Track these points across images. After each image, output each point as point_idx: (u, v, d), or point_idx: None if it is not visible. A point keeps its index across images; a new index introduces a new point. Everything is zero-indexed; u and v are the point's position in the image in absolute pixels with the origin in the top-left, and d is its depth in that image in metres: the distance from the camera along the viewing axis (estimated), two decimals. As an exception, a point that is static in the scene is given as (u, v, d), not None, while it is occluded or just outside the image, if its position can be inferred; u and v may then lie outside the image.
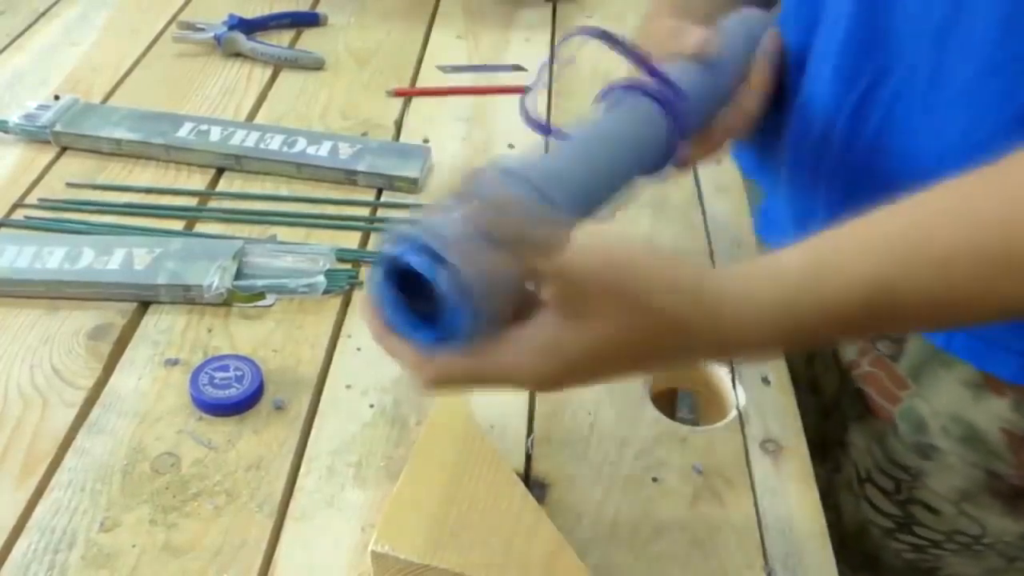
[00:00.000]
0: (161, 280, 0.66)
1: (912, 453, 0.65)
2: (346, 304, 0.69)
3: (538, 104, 0.93)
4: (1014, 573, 0.67)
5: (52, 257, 0.68)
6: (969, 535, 0.65)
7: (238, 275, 0.68)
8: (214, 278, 0.66)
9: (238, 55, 0.98)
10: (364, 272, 0.71)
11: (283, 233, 0.74)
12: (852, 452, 0.69)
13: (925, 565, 0.69)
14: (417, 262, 0.39)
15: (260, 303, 0.67)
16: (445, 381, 0.43)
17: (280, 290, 0.68)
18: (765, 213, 0.72)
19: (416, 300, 0.41)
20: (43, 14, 1.04)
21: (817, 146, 0.59)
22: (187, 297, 0.67)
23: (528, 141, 0.87)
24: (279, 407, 0.60)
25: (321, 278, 0.68)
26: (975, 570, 0.67)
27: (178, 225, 0.75)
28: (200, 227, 0.75)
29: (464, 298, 0.38)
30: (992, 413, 0.59)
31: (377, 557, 0.49)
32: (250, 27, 1.00)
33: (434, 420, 0.56)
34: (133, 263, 0.67)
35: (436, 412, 0.57)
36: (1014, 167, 0.41)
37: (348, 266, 0.71)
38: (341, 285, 0.69)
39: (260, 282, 0.67)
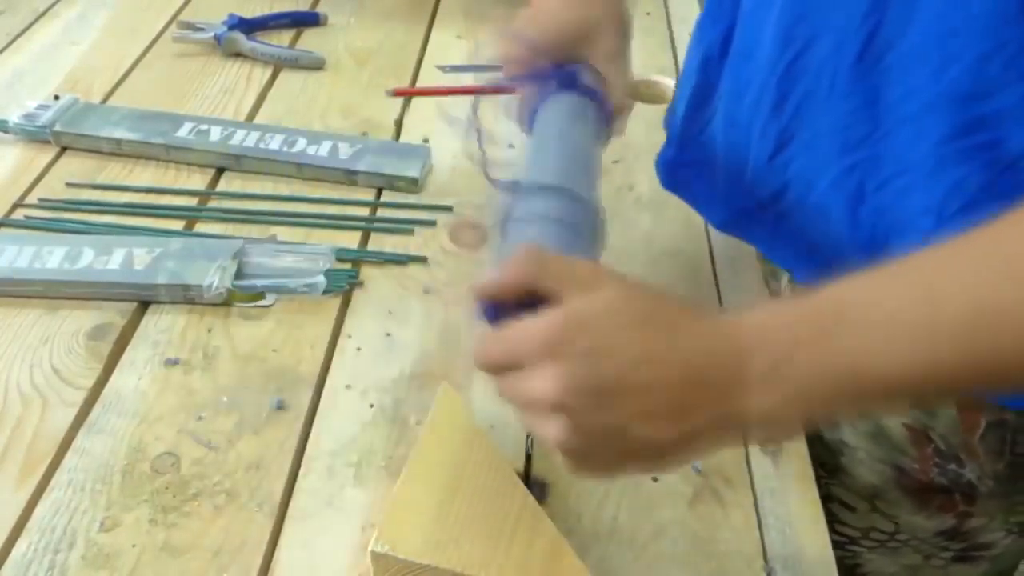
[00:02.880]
0: (161, 280, 0.66)
1: (828, 451, 0.66)
2: (346, 304, 0.69)
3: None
4: (931, 570, 0.67)
5: (52, 257, 0.68)
6: (884, 532, 0.66)
7: (238, 275, 0.68)
8: (214, 278, 0.66)
9: (238, 55, 0.98)
10: (364, 272, 0.71)
11: (283, 233, 0.74)
12: None
13: (847, 562, 0.69)
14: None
15: (260, 303, 0.67)
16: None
17: (280, 290, 0.68)
18: (679, 153, 0.69)
19: None
20: (43, 14, 1.04)
21: (752, 106, 0.59)
22: (187, 297, 0.67)
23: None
24: (279, 407, 0.60)
25: (321, 278, 0.68)
26: (893, 567, 0.68)
27: (178, 225, 0.75)
28: (200, 227, 0.75)
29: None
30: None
31: (377, 557, 0.49)
32: (250, 27, 1.00)
33: (434, 420, 0.56)
34: (133, 263, 0.67)
35: (436, 412, 0.57)
36: None
37: (348, 266, 0.71)
38: (341, 285, 0.69)
39: (260, 282, 0.67)
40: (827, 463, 0.66)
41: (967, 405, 0.58)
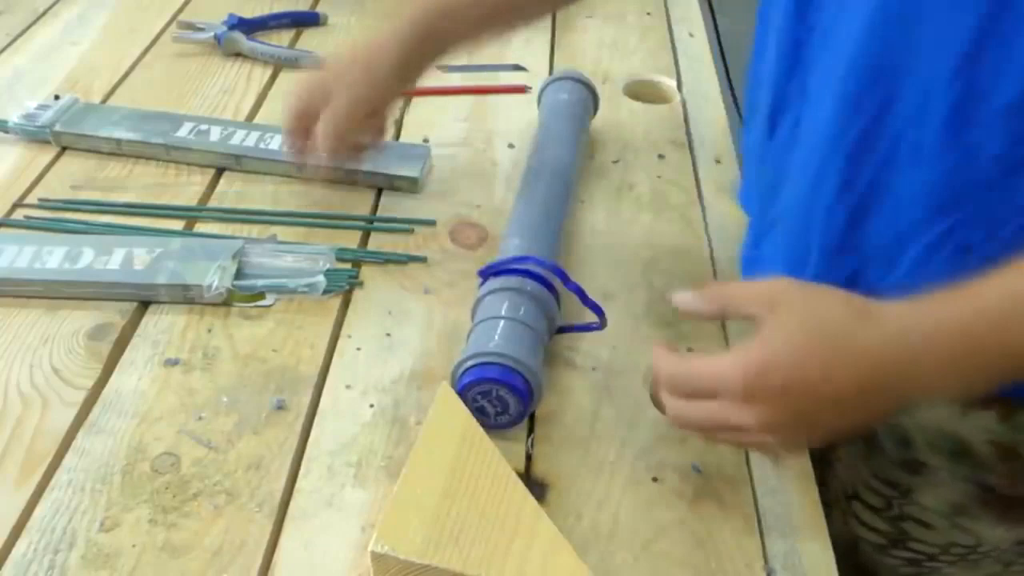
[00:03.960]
0: (161, 280, 0.66)
1: (900, 470, 0.64)
2: (346, 304, 0.69)
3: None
4: None
5: (52, 257, 0.68)
6: (964, 546, 0.65)
7: (238, 275, 0.68)
8: (214, 278, 0.66)
9: (238, 55, 0.98)
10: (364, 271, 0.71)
11: (283, 233, 0.74)
12: (838, 469, 0.69)
13: None
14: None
15: (260, 303, 0.67)
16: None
17: (280, 290, 0.68)
18: (753, 249, 0.69)
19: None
20: (43, 14, 1.04)
21: (814, 183, 0.57)
22: (187, 297, 0.67)
23: (527, 141, 0.87)
24: (280, 407, 0.60)
25: (321, 278, 0.68)
26: None
27: (178, 225, 0.75)
28: (200, 227, 0.75)
29: (530, 387, 0.58)
30: (979, 426, 0.59)
31: (377, 558, 0.49)
32: (250, 27, 1.00)
33: (432, 420, 0.56)
34: (133, 263, 0.67)
35: (434, 412, 0.57)
36: None
37: (348, 266, 0.71)
38: (341, 285, 0.69)
39: (260, 282, 0.67)
40: (900, 483, 0.65)
41: None
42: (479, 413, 0.58)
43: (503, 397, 0.58)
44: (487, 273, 0.65)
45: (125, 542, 0.52)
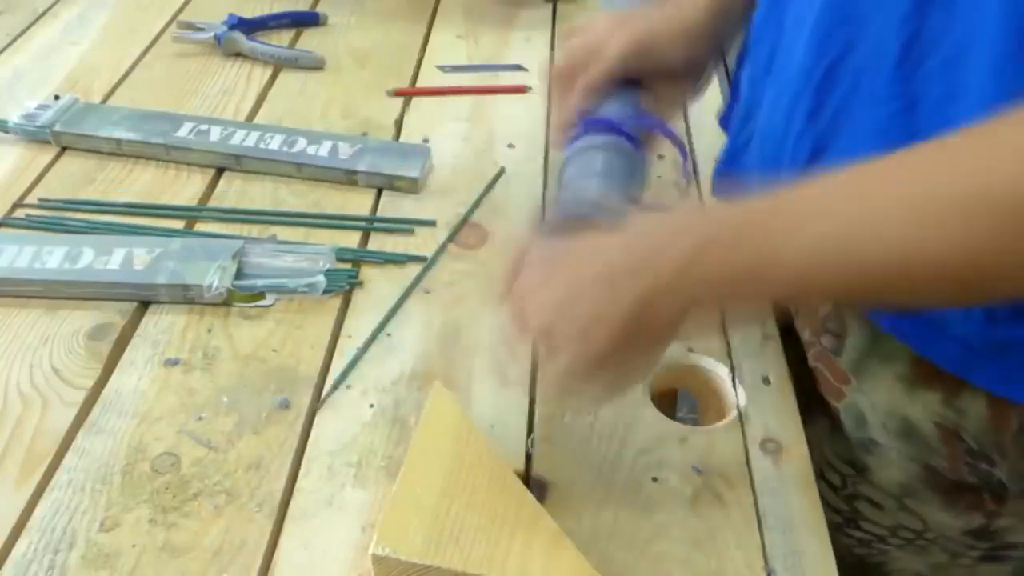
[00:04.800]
0: (161, 280, 0.66)
1: (855, 448, 0.65)
2: (346, 304, 0.69)
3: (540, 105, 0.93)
4: (958, 569, 0.67)
5: (52, 257, 0.68)
6: (912, 530, 0.66)
7: (238, 275, 0.68)
8: (214, 278, 0.66)
9: (238, 55, 0.98)
10: (364, 272, 0.71)
11: (283, 233, 0.74)
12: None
13: (873, 560, 0.69)
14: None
15: (260, 303, 0.67)
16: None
17: (280, 290, 0.68)
18: (727, 166, 0.70)
19: None
20: (43, 14, 1.04)
21: (787, 112, 0.59)
22: (187, 297, 0.67)
23: (527, 141, 0.87)
24: (284, 406, 0.60)
25: (321, 278, 0.68)
26: (921, 565, 0.68)
27: (178, 224, 0.75)
28: (200, 227, 0.75)
29: None
30: (925, 407, 0.60)
31: (378, 560, 0.49)
32: (250, 27, 1.00)
33: (427, 420, 0.56)
34: (133, 263, 0.67)
35: (429, 411, 0.57)
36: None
37: (348, 266, 0.71)
38: (341, 285, 0.69)
39: (260, 282, 0.67)
40: (856, 461, 0.66)
41: (998, 405, 0.58)
42: None
43: None
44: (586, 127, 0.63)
45: (125, 542, 0.52)
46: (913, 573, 0.69)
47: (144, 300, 0.67)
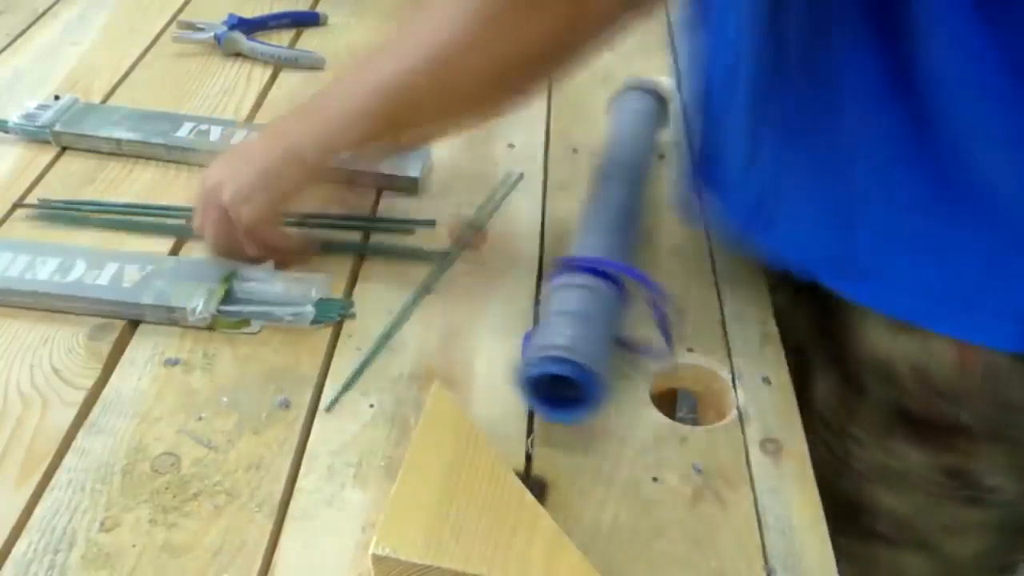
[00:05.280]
0: (147, 300, 0.65)
1: (851, 392, 0.68)
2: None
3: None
4: (940, 510, 0.69)
5: (44, 268, 0.67)
6: (893, 469, 0.68)
7: (227, 299, 0.66)
8: (199, 302, 0.65)
9: (238, 55, 0.98)
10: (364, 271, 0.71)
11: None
12: (815, 402, 0.71)
13: (863, 501, 0.72)
14: (566, 370, 0.56)
15: (246, 330, 0.66)
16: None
17: (266, 318, 0.66)
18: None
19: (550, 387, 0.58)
20: (43, 14, 1.04)
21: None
22: (171, 319, 0.65)
23: (527, 141, 0.87)
24: (284, 406, 0.60)
25: (310, 308, 0.66)
26: (904, 507, 0.70)
27: (179, 222, 0.75)
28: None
29: (600, 385, 0.57)
30: (903, 350, 0.63)
31: (378, 560, 0.49)
32: (250, 27, 1.00)
33: (427, 419, 0.56)
34: (122, 279, 0.66)
35: (428, 411, 0.57)
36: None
37: (340, 296, 0.69)
38: (332, 316, 0.67)
39: (247, 308, 0.66)
40: (848, 406, 0.69)
41: (965, 348, 0.60)
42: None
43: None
44: (569, 267, 0.64)
45: (125, 542, 0.52)
46: (901, 515, 0.71)
47: (130, 319, 0.66)
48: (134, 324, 0.66)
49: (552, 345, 0.57)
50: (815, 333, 0.71)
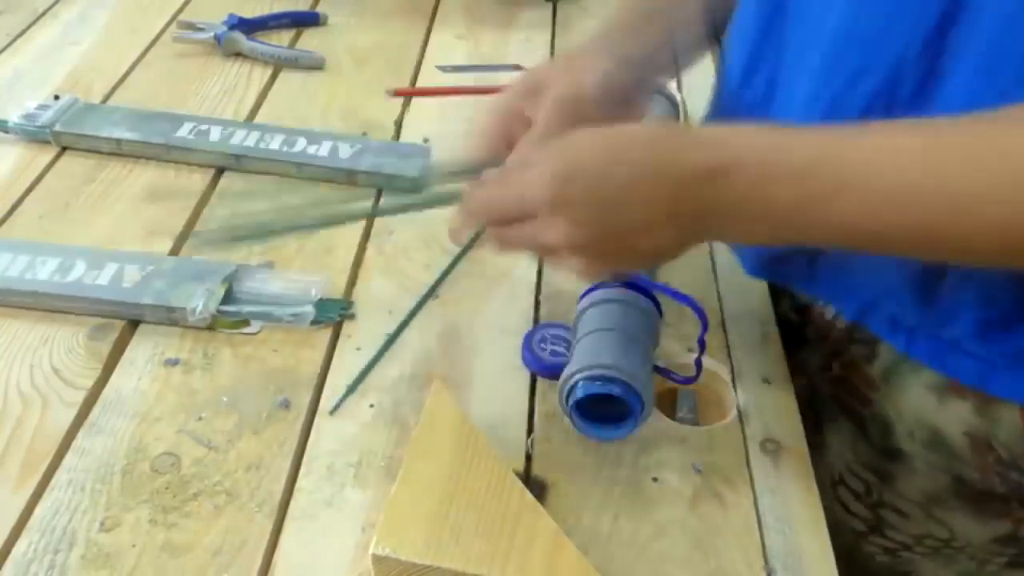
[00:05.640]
0: (147, 300, 0.65)
1: (881, 457, 0.65)
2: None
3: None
4: (984, 575, 0.67)
5: (44, 268, 0.67)
6: (938, 539, 0.65)
7: (227, 299, 0.66)
8: (199, 302, 0.64)
9: (238, 55, 0.98)
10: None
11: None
12: (827, 454, 0.69)
13: (899, 568, 0.69)
14: (618, 391, 0.55)
15: (245, 330, 0.65)
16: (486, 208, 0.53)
17: (266, 318, 0.66)
18: None
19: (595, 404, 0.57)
20: (43, 14, 1.04)
21: None
22: (171, 319, 0.65)
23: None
24: (284, 406, 0.60)
25: (309, 308, 0.66)
26: (947, 572, 0.67)
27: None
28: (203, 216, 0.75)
29: (644, 404, 0.56)
30: (955, 417, 0.59)
31: (378, 560, 0.49)
32: (250, 27, 1.00)
33: (427, 420, 0.56)
34: (122, 280, 0.66)
35: (428, 411, 0.57)
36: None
37: (340, 296, 0.69)
38: (331, 316, 0.67)
39: (246, 308, 0.66)
40: (880, 469, 0.65)
41: None
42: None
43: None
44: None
45: (125, 542, 0.52)
46: None
47: (130, 319, 0.66)
48: (134, 324, 0.66)
49: (599, 364, 0.56)
50: (835, 390, 0.67)
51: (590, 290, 0.63)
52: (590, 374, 0.56)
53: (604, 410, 0.57)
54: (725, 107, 0.65)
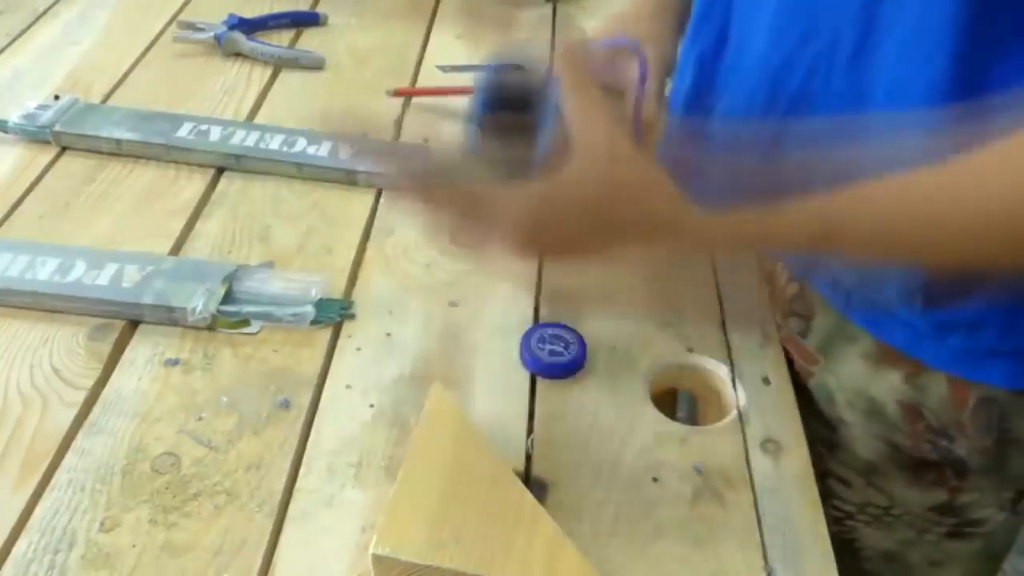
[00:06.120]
0: (147, 300, 0.65)
1: (825, 427, 0.67)
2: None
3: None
4: (924, 545, 0.68)
5: (44, 268, 0.67)
6: (878, 507, 0.67)
7: (227, 299, 0.66)
8: (199, 302, 0.64)
9: (238, 55, 0.98)
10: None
11: (284, 230, 0.74)
12: None
13: (844, 536, 0.71)
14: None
15: (245, 330, 0.65)
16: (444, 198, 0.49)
17: (266, 318, 0.66)
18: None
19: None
20: (43, 14, 1.04)
21: (745, 107, 0.60)
22: (171, 319, 0.65)
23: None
24: (284, 406, 0.60)
25: (310, 308, 0.66)
26: (888, 542, 0.69)
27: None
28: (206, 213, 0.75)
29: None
30: (888, 386, 0.62)
31: (378, 560, 0.49)
32: (250, 27, 1.00)
33: (427, 420, 0.56)
34: (122, 280, 0.66)
35: (428, 411, 0.57)
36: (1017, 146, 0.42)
37: (340, 296, 0.69)
38: (331, 316, 0.67)
39: (246, 308, 0.66)
40: (825, 439, 0.67)
41: (957, 383, 0.59)
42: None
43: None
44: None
45: (125, 542, 0.52)
46: (882, 550, 0.70)
47: (130, 319, 0.66)
48: (134, 324, 0.66)
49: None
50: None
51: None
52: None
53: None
54: (683, 63, 0.68)
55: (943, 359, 0.59)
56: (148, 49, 0.99)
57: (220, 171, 0.81)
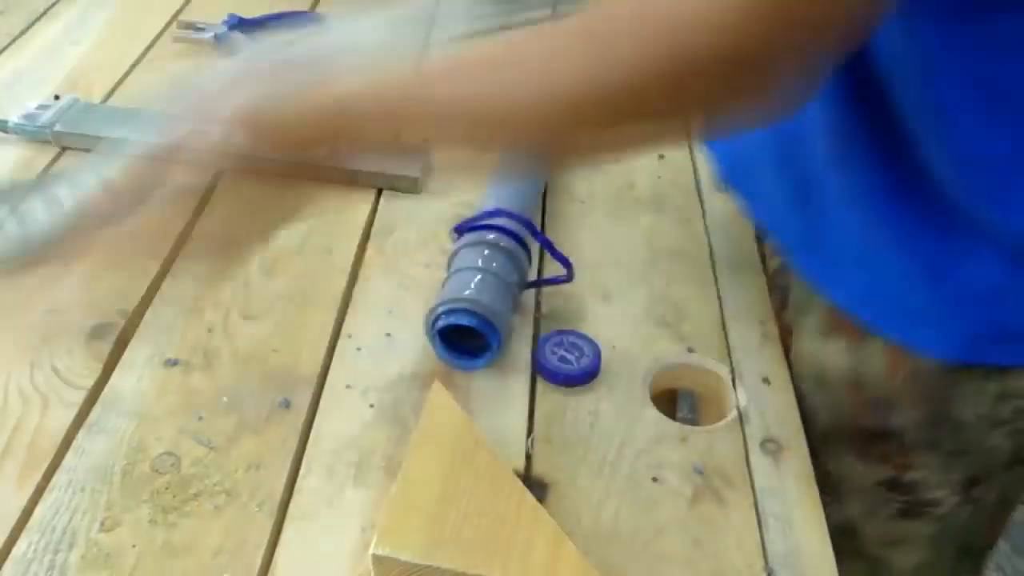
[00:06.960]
0: None
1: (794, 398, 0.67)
2: (346, 304, 0.69)
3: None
4: (877, 522, 0.68)
5: None
6: (830, 480, 0.67)
7: None
8: None
9: (238, 55, 0.98)
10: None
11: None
12: None
13: None
14: (473, 323, 0.61)
15: None
16: None
17: None
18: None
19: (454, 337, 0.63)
20: (43, 14, 1.04)
21: None
22: None
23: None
24: (284, 406, 0.60)
25: None
26: (838, 516, 0.69)
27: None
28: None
29: (500, 337, 0.62)
30: (835, 355, 0.62)
31: (379, 560, 0.49)
32: (250, 27, 1.00)
33: (427, 420, 0.56)
34: None
35: (428, 411, 0.57)
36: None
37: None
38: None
39: None
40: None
41: (894, 352, 0.60)
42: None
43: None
44: (462, 229, 0.69)
45: (125, 542, 0.52)
46: (841, 525, 0.70)
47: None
48: (134, 324, 0.66)
49: (462, 299, 0.62)
50: None
51: (464, 226, 0.68)
52: (453, 307, 0.61)
53: (467, 343, 0.63)
54: None
55: (878, 318, 0.60)
56: (148, 49, 0.99)
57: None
